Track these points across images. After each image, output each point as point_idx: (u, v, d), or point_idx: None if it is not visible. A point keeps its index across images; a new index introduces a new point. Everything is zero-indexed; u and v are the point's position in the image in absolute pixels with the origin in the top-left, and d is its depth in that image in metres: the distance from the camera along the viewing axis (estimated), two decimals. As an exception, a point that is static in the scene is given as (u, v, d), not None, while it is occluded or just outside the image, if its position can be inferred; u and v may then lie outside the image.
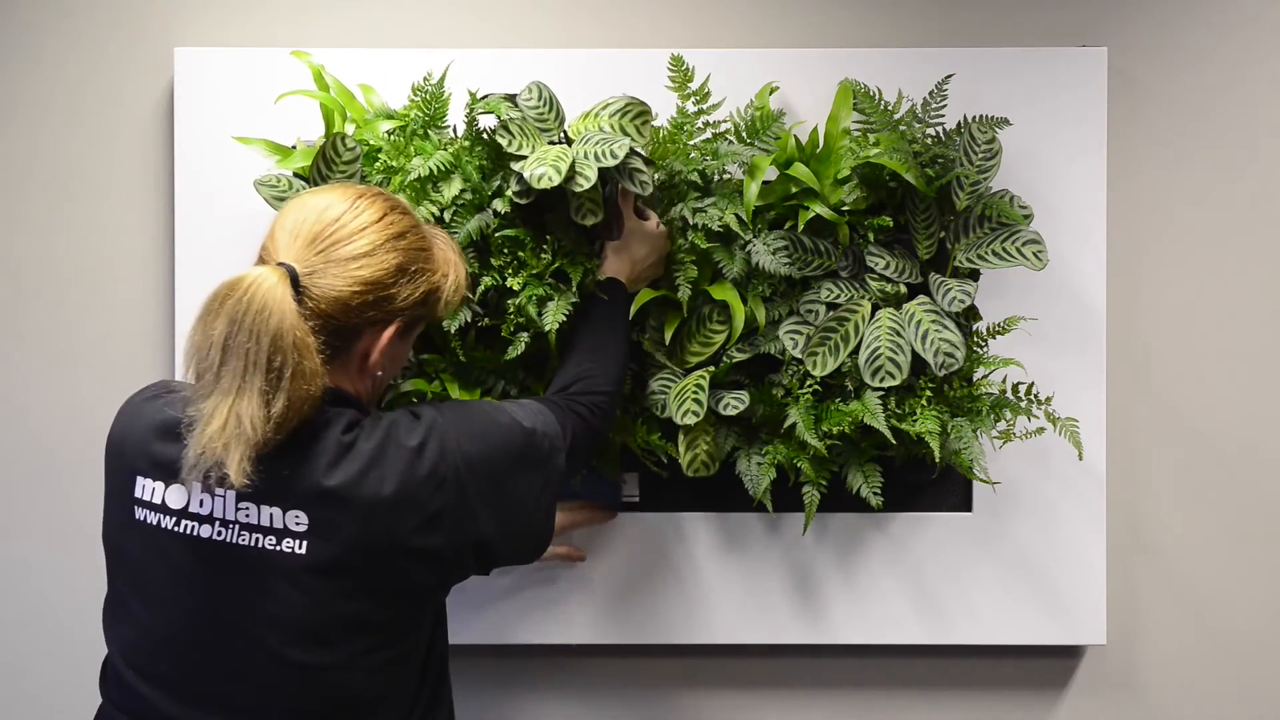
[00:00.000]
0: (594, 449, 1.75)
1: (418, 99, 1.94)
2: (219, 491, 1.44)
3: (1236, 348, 2.16)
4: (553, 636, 2.08)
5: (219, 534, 1.44)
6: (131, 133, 2.13)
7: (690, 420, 1.90)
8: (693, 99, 1.99)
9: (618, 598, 2.08)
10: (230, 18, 2.13)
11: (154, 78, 2.12)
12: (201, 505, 1.45)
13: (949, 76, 2.00)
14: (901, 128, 1.98)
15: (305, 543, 1.44)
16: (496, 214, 1.89)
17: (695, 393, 1.92)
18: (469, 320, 1.91)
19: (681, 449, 1.98)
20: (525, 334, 1.89)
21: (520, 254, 1.88)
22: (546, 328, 1.85)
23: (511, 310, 1.88)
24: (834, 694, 2.17)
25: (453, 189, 1.91)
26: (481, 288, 1.89)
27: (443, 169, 1.89)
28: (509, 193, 1.86)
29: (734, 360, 1.97)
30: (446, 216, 1.89)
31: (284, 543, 1.44)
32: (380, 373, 1.53)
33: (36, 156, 2.13)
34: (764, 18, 2.15)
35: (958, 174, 1.95)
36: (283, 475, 1.43)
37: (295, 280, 1.42)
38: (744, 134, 2.00)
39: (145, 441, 1.48)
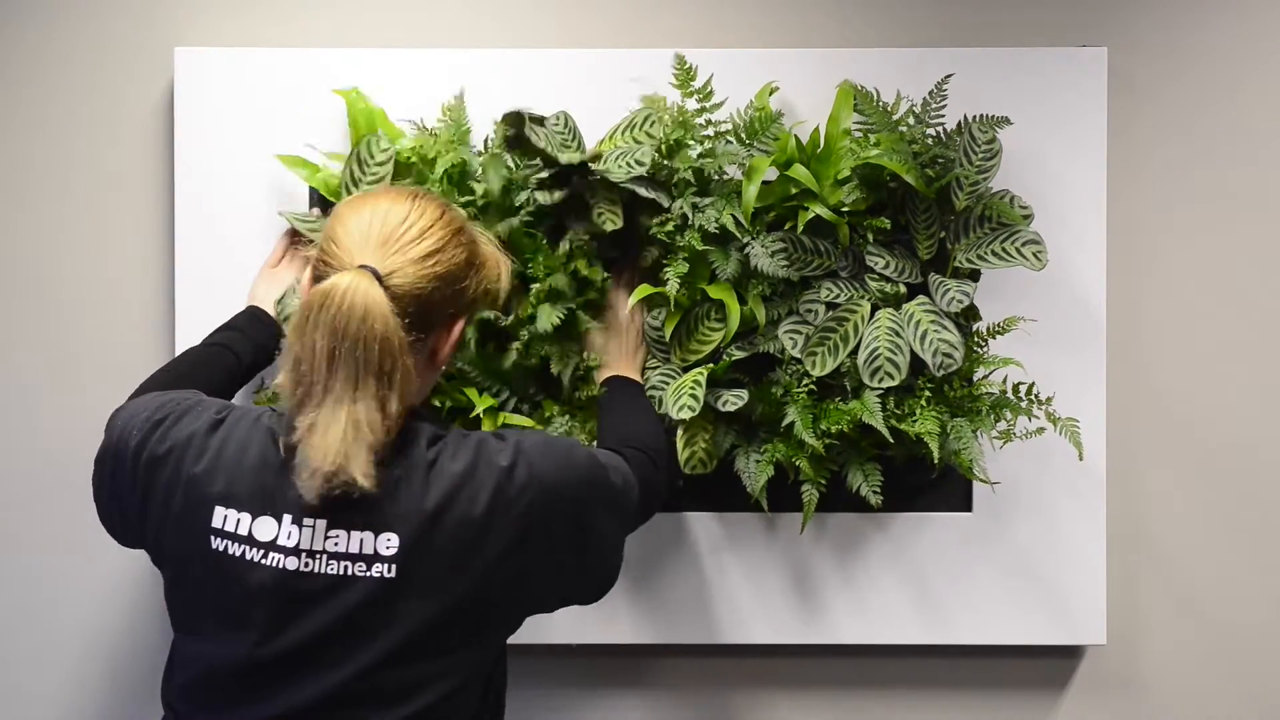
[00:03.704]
0: (657, 496, 1.75)
1: (446, 119, 2.00)
2: (308, 522, 1.43)
3: (1236, 348, 2.16)
4: (552, 636, 2.08)
5: (306, 565, 1.43)
6: (131, 133, 2.13)
7: (686, 414, 1.90)
8: (695, 97, 1.99)
9: (617, 597, 2.08)
10: (230, 18, 2.13)
11: (154, 78, 2.12)
12: (289, 537, 1.44)
13: (949, 76, 2.00)
14: (901, 128, 1.98)
15: (395, 566, 1.42)
16: (525, 210, 1.95)
17: (692, 388, 1.92)
18: (492, 318, 1.94)
19: (679, 446, 1.98)
20: (522, 333, 1.93)
21: (541, 256, 1.94)
22: (541, 328, 1.90)
23: (530, 299, 1.93)
24: (834, 694, 2.16)
25: (482, 187, 1.96)
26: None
27: (472, 167, 1.96)
28: (533, 181, 1.93)
29: (733, 358, 1.97)
30: (477, 214, 1.94)
31: (374, 568, 1.43)
32: (437, 372, 1.56)
33: (36, 156, 2.13)
34: (764, 18, 2.15)
35: (957, 174, 1.95)
36: (374, 496, 1.42)
37: (380, 281, 1.42)
38: (743, 135, 2.00)
39: (232, 470, 1.46)
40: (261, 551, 1.44)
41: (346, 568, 1.43)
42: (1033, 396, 1.98)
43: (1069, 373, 2.07)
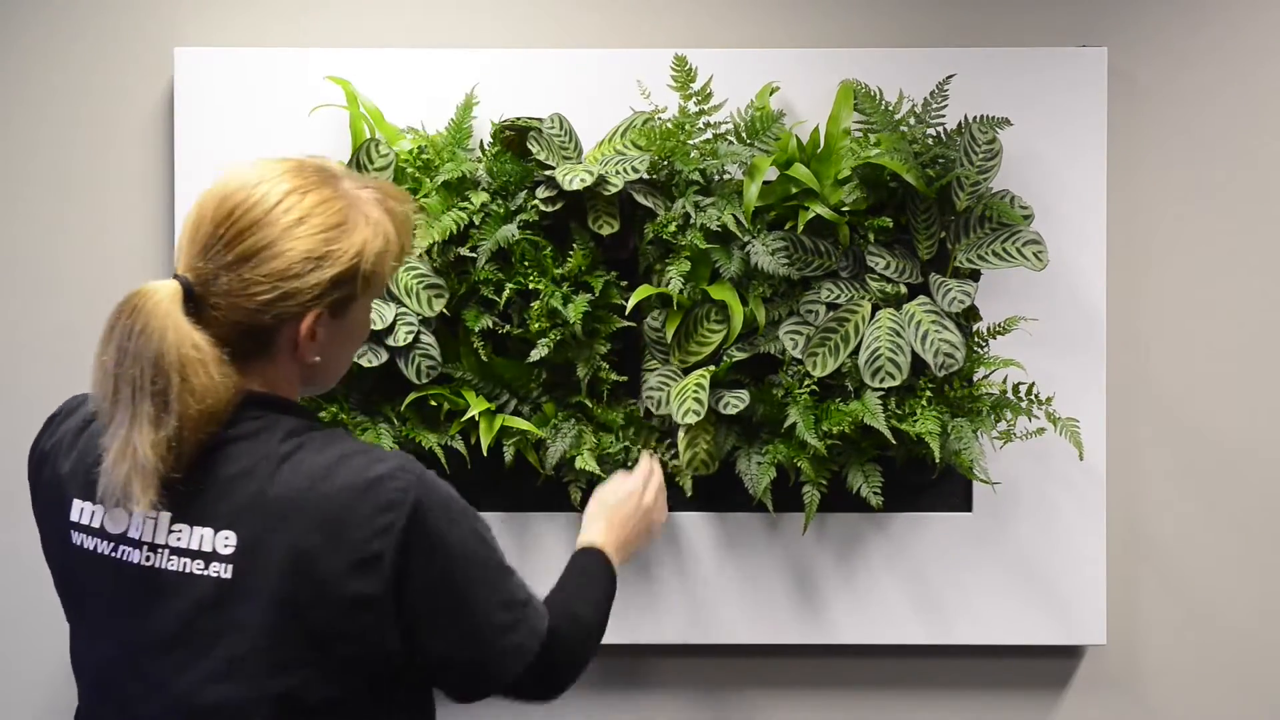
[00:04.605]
0: (571, 663, 1.55)
1: (450, 124, 2.01)
2: (151, 514, 1.34)
3: (1236, 347, 2.16)
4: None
5: (147, 559, 1.35)
6: (131, 133, 2.13)
7: (691, 419, 1.91)
8: (694, 99, 2.00)
9: (618, 598, 2.08)
10: (230, 18, 2.13)
11: (154, 78, 2.12)
12: (137, 529, 1.36)
13: (950, 76, 2.00)
14: (902, 128, 1.98)
15: (231, 566, 1.32)
16: (524, 220, 1.96)
17: (696, 392, 1.92)
18: (490, 327, 1.95)
19: (681, 447, 1.98)
20: (553, 334, 1.94)
21: (544, 261, 1.95)
22: (571, 319, 1.91)
23: (535, 311, 1.94)
24: (834, 694, 2.17)
25: (481, 197, 1.96)
26: (506, 294, 1.95)
27: (471, 177, 1.97)
28: (538, 198, 1.95)
29: (734, 359, 1.97)
30: (476, 220, 1.95)
31: (211, 567, 1.33)
32: (318, 358, 1.41)
33: (37, 156, 2.13)
34: (765, 18, 2.15)
35: (958, 174, 1.95)
36: (212, 492, 1.34)
37: (191, 292, 1.34)
38: (744, 134, 2.00)
39: (78, 462, 1.41)
40: (112, 545, 1.37)
41: (186, 564, 1.34)
42: (1033, 396, 1.99)
43: (1069, 373, 2.07)
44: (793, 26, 2.15)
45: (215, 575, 1.33)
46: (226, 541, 1.33)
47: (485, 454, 1.97)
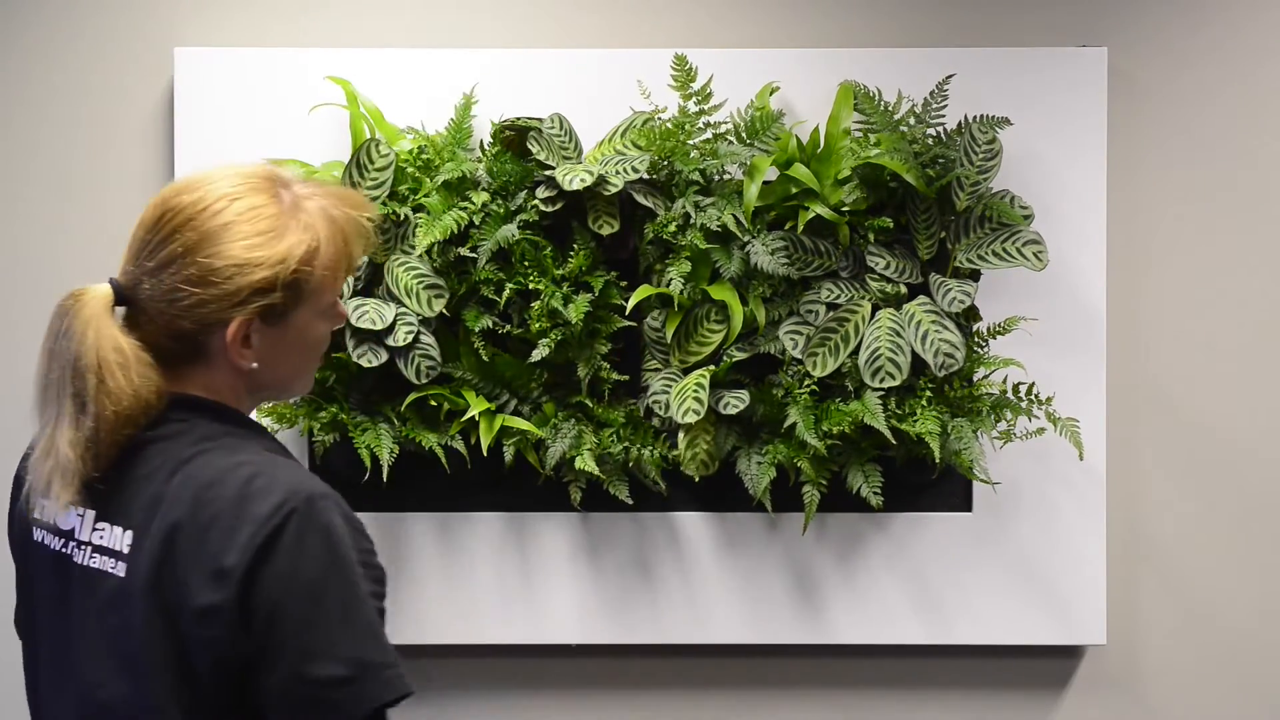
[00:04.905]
0: None
1: (450, 124, 2.01)
2: (79, 510, 1.35)
3: (1236, 347, 2.16)
4: (553, 636, 2.08)
5: (75, 553, 1.36)
6: (131, 133, 2.13)
7: (691, 419, 1.91)
8: (694, 99, 2.00)
9: (618, 598, 2.08)
10: (230, 18, 2.13)
11: (154, 78, 2.12)
12: (69, 523, 1.37)
13: (950, 76, 2.00)
14: (902, 128, 1.98)
15: (126, 565, 1.32)
16: (524, 220, 1.96)
17: (696, 391, 1.92)
18: (490, 327, 1.95)
19: (682, 447, 1.98)
20: (554, 333, 1.94)
21: (544, 261, 1.95)
22: (573, 319, 1.91)
23: (535, 311, 1.93)
24: (834, 694, 2.17)
25: (481, 197, 1.96)
26: (506, 294, 1.95)
27: (471, 177, 1.97)
28: (538, 198, 1.95)
29: (734, 359, 1.97)
30: (476, 220, 1.95)
31: (118, 565, 1.33)
32: (255, 365, 1.38)
33: (37, 156, 2.13)
34: (764, 18, 2.15)
35: (958, 174, 1.95)
36: (127, 491, 1.34)
37: (122, 296, 1.36)
38: (744, 134, 2.00)
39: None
40: (62, 541, 1.38)
41: (103, 562, 1.34)
42: (1033, 396, 1.99)
43: (1069, 373, 2.07)
44: (793, 26, 2.15)
45: (118, 574, 1.33)
46: (128, 540, 1.34)
47: (485, 454, 1.96)
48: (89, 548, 1.36)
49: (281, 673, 1.26)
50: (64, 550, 1.38)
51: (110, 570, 1.33)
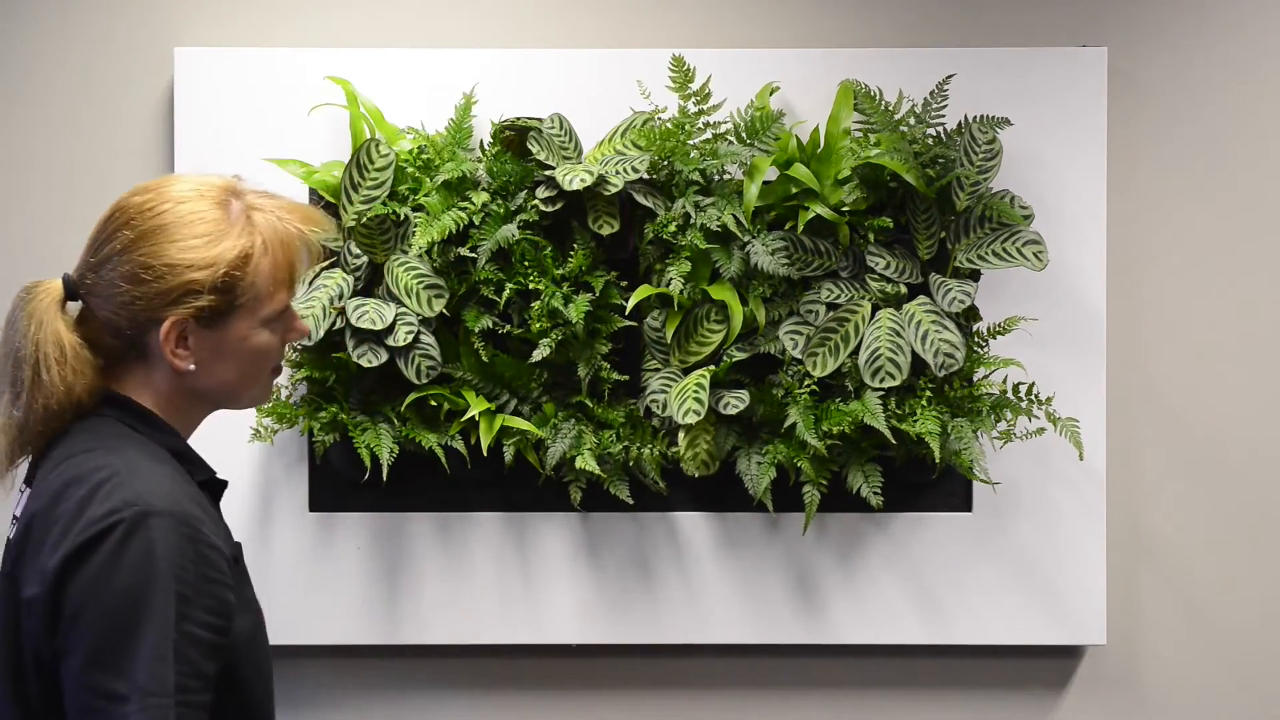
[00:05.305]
0: None
1: (450, 124, 2.01)
2: (23, 487, 1.43)
3: (1236, 347, 2.16)
4: (553, 636, 2.08)
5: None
6: (131, 133, 2.13)
7: (691, 419, 1.91)
8: (694, 99, 2.00)
9: (618, 598, 2.08)
10: (230, 18, 2.13)
11: (154, 78, 2.12)
12: (15, 501, 1.44)
13: (950, 76, 2.00)
14: (902, 128, 1.98)
15: (7, 558, 1.37)
16: (524, 220, 1.95)
17: (696, 391, 1.92)
18: (490, 327, 1.95)
19: (682, 447, 1.98)
20: (554, 333, 1.94)
21: (544, 261, 1.95)
22: (573, 319, 1.91)
23: (536, 311, 1.93)
24: (834, 694, 2.17)
25: (481, 197, 1.96)
26: (506, 294, 1.95)
27: (471, 177, 1.97)
28: (538, 198, 1.95)
29: (734, 360, 1.97)
30: (476, 220, 1.95)
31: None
32: (192, 367, 1.40)
33: (37, 156, 2.13)
34: (764, 18, 2.15)
35: (958, 174, 1.95)
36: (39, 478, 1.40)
37: (72, 291, 1.40)
38: (744, 134, 2.00)
39: None
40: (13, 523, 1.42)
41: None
42: (1033, 396, 1.99)
43: (1069, 373, 2.07)
44: (793, 26, 2.15)
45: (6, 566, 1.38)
46: (13, 532, 1.39)
47: (485, 454, 1.96)
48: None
49: (73, 673, 1.27)
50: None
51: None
